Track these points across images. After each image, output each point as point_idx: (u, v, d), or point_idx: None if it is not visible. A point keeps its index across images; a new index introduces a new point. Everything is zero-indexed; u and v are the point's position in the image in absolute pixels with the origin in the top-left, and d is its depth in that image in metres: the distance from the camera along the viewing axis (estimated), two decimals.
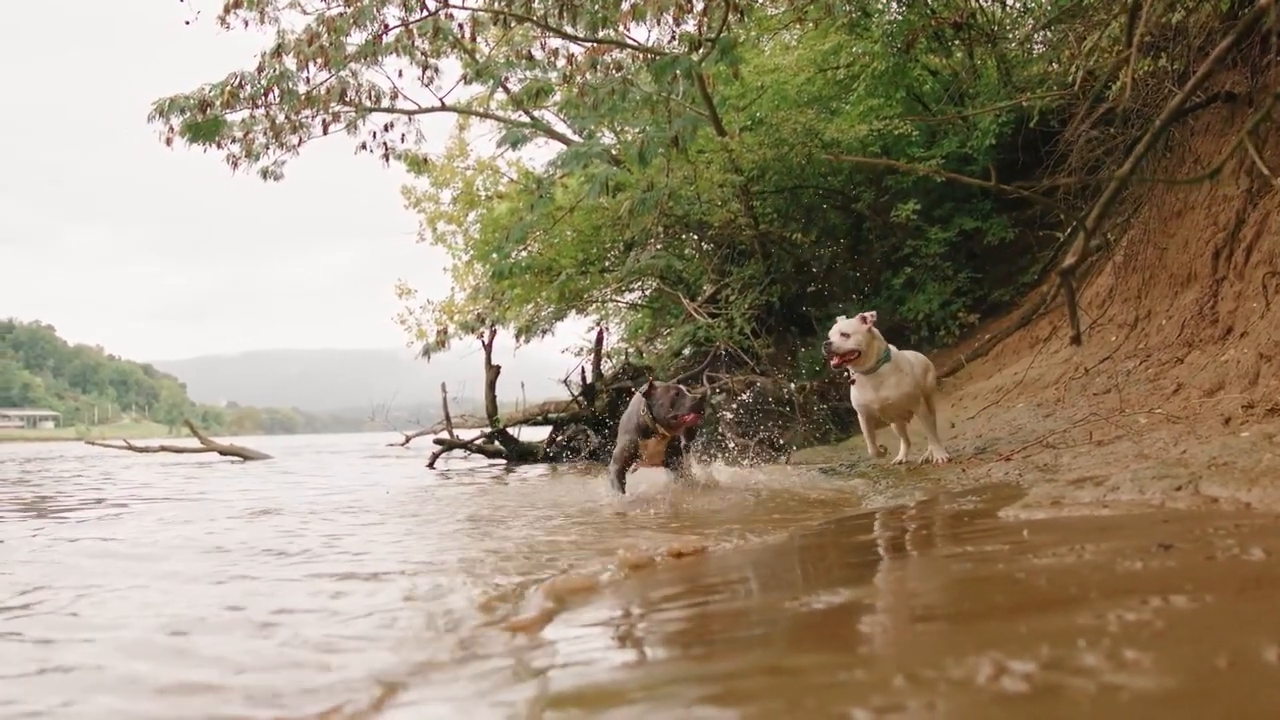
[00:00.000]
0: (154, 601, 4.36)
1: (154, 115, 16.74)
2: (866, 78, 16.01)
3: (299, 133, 17.82)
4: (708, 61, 12.79)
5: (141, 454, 24.79)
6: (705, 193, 15.86)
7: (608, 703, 2.51)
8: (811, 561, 4.93)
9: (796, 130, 15.48)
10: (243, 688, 2.91)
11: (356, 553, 5.74)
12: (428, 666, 3.11)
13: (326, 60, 16.24)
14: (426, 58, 17.56)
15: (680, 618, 3.62)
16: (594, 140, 17.19)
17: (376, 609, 4.00)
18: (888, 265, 16.31)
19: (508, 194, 22.51)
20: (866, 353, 9.04)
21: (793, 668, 2.64)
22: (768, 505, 7.49)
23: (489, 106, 21.30)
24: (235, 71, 16.75)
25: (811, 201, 17.20)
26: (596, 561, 4.88)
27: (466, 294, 24.01)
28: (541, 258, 18.28)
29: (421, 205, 25.02)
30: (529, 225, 16.86)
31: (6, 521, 8.68)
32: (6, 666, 3.33)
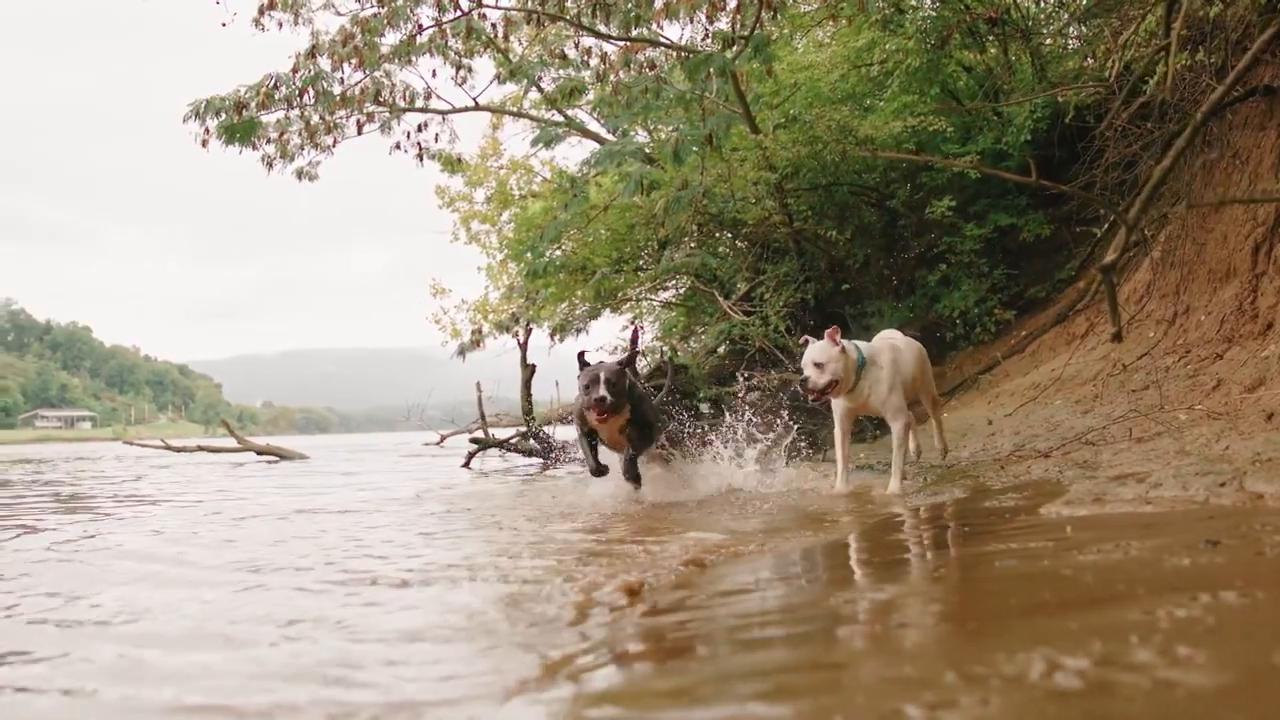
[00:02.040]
0: (265, 608, 4.39)
1: (190, 116, 16.81)
2: (900, 74, 15.94)
3: (333, 133, 17.86)
4: (741, 59, 12.76)
5: (179, 453, 24.92)
6: (739, 190, 15.82)
7: (659, 699, 2.52)
8: (853, 559, 4.92)
9: (830, 127, 15.43)
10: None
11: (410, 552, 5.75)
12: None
13: (361, 61, 16.28)
14: (460, 57, 17.59)
15: (724, 614, 3.62)
16: (628, 139, 17.17)
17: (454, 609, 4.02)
18: (923, 262, 16.25)
19: (541, 193, 22.52)
20: (845, 378, 8.33)
21: (842, 663, 2.64)
22: (809, 500, 7.47)
23: (522, 106, 21.32)
24: (270, 73, 16.80)
25: (846, 199, 17.14)
26: (651, 563, 4.89)
27: (501, 293, 24.04)
28: (576, 256, 18.28)
29: (455, 205, 25.05)
30: (563, 224, 16.85)
31: (53, 521, 8.74)
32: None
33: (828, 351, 8.25)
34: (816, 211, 17.17)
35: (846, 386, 8.34)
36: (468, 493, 10.33)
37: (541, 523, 6.87)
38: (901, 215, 16.71)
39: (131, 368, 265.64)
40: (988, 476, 7.64)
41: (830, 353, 8.24)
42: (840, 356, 8.25)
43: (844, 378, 8.27)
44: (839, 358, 8.24)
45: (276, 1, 16.83)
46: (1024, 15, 16.52)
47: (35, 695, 2.97)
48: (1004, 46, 16.80)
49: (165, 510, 9.53)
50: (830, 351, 8.24)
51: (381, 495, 10.37)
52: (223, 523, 8.00)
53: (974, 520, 5.60)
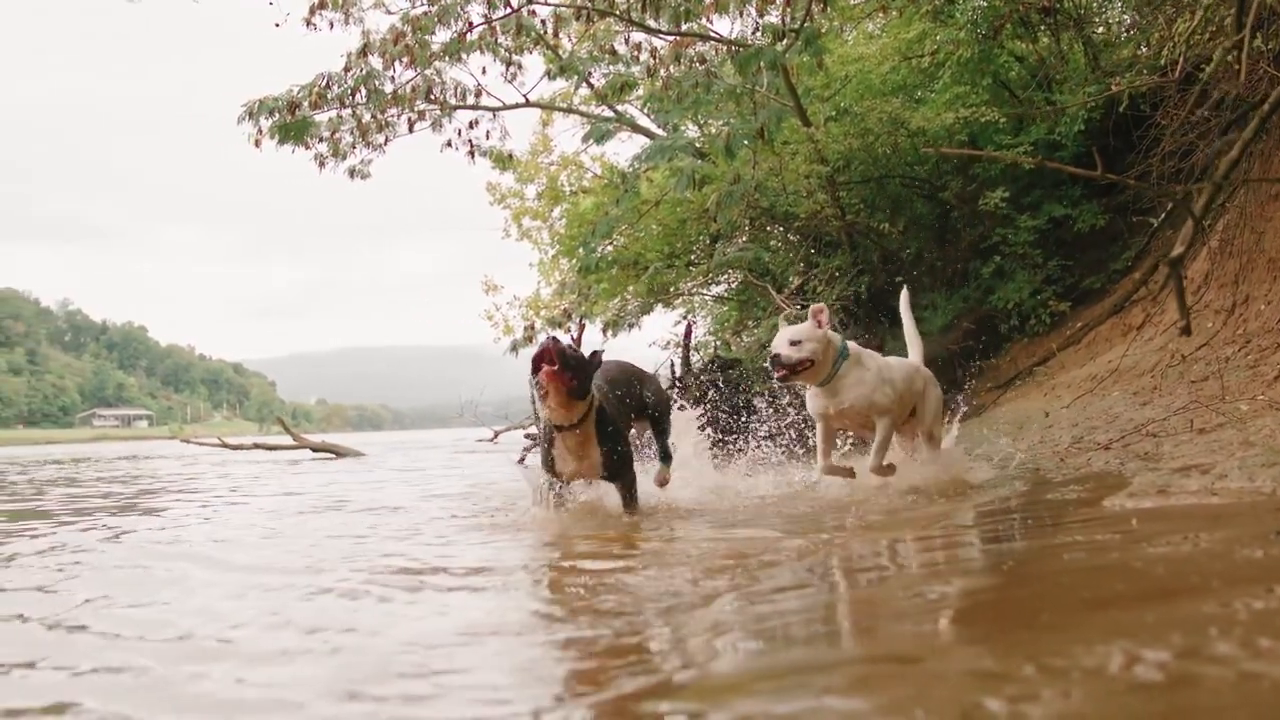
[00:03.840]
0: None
1: (243, 117, 16.97)
2: (952, 65, 15.87)
3: (385, 131, 17.99)
4: (792, 52, 12.74)
5: (235, 451, 25.12)
6: (791, 184, 15.79)
7: (733, 692, 2.53)
8: (917, 553, 4.90)
9: (882, 120, 15.40)
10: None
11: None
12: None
13: (412, 59, 16.37)
14: (510, 54, 17.67)
15: (796, 609, 3.62)
16: (678, 134, 17.21)
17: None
18: (976, 254, 16.16)
19: (592, 188, 22.58)
20: (822, 361, 7.42)
21: (916, 656, 2.64)
22: (861, 496, 7.45)
23: (572, 102, 21.39)
24: (322, 72, 16.94)
25: (898, 191, 17.08)
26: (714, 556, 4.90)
27: (553, 289, 24.15)
28: (627, 252, 18.30)
29: (506, 201, 25.20)
30: (615, 219, 16.89)
31: (131, 520, 8.83)
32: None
33: (806, 330, 7.42)
34: (868, 204, 17.12)
35: (822, 372, 7.44)
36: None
37: (600, 520, 6.89)
38: (954, 207, 16.63)
39: (187, 366, 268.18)
40: (1047, 469, 7.60)
41: (809, 331, 7.40)
42: (821, 337, 7.40)
43: (820, 361, 7.38)
44: (819, 338, 7.39)
45: (327, 1, 16.95)
46: (1076, 4, 16.39)
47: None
48: (1056, 36, 16.69)
49: (237, 507, 9.65)
50: (810, 330, 7.41)
51: (439, 491, 10.41)
52: (303, 517, 8.12)
53: (1037, 513, 5.58)
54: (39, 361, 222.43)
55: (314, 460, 21.47)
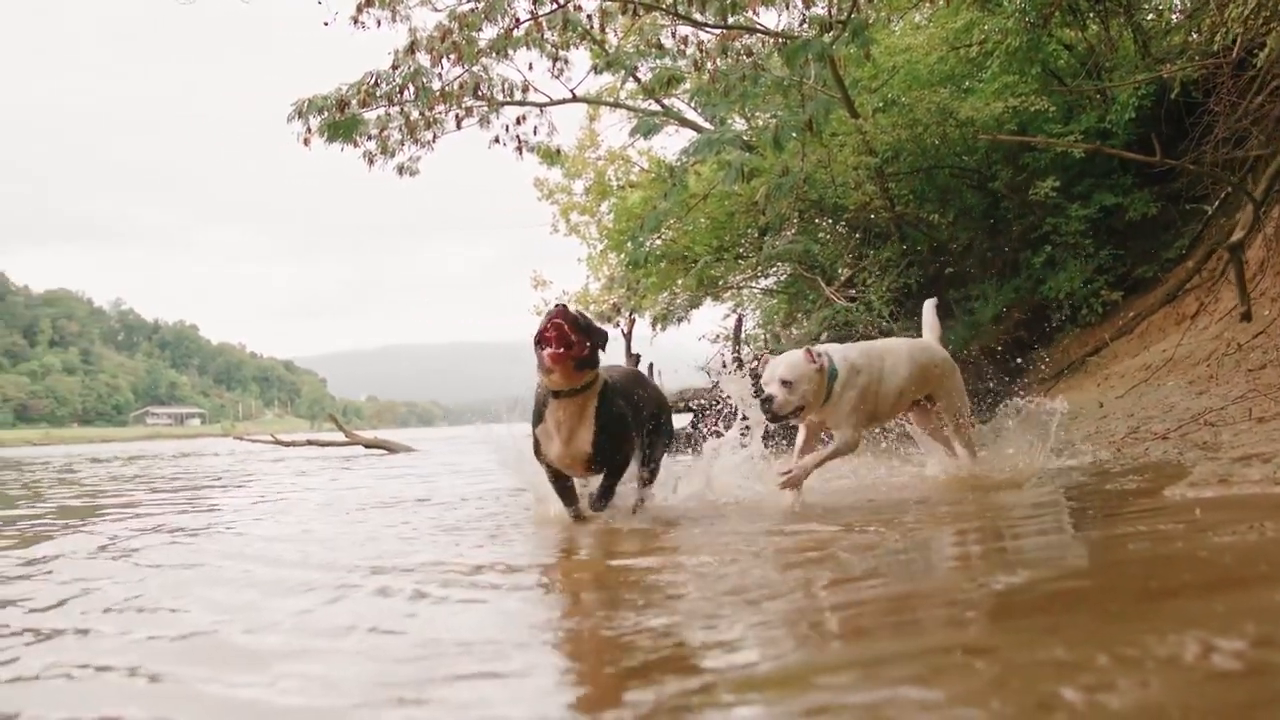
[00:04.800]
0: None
1: (293, 116, 17.06)
2: (1000, 54, 15.77)
3: (433, 128, 18.02)
4: (839, 44, 12.70)
5: (289, 448, 25.24)
6: (840, 176, 15.76)
7: (807, 682, 2.53)
8: (980, 543, 4.88)
9: (930, 110, 15.33)
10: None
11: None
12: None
13: (459, 56, 16.40)
14: (556, 50, 17.66)
15: (864, 599, 3.62)
16: (726, 127, 17.17)
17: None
18: (1026, 244, 16.05)
19: (640, 183, 22.59)
20: (813, 401, 7.08)
21: (988, 647, 2.63)
22: (917, 488, 7.42)
23: (619, 96, 21.38)
24: (370, 70, 17.01)
25: (947, 182, 17.00)
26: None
27: (601, 284, 24.18)
28: (676, 245, 18.31)
29: (554, 197, 25.24)
30: (663, 213, 16.89)
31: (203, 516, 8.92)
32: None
33: (800, 369, 7.05)
34: (918, 195, 17.06)
35: (814, 407, 7.15)
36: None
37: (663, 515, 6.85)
38: (1004, 197, 16.52)
39: (238, 364, 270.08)
40: (1104, 459, 7.55)
41: (803, 369, 7.05)
42: (815, 376, 7.07)
43: (812, 402, 7.08)
44: (811, 377, 7.06)
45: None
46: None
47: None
48: (1105, 23, 16.55)
49: (294, 502, 9.73)
50: (803, 368, 7.06)
51: (492, 486, 10.43)
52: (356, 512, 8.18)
53: (1097, 503, 5.54)
54: (93, 361, 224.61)
55: (367, 456, 21.58)
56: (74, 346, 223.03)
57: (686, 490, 7.48)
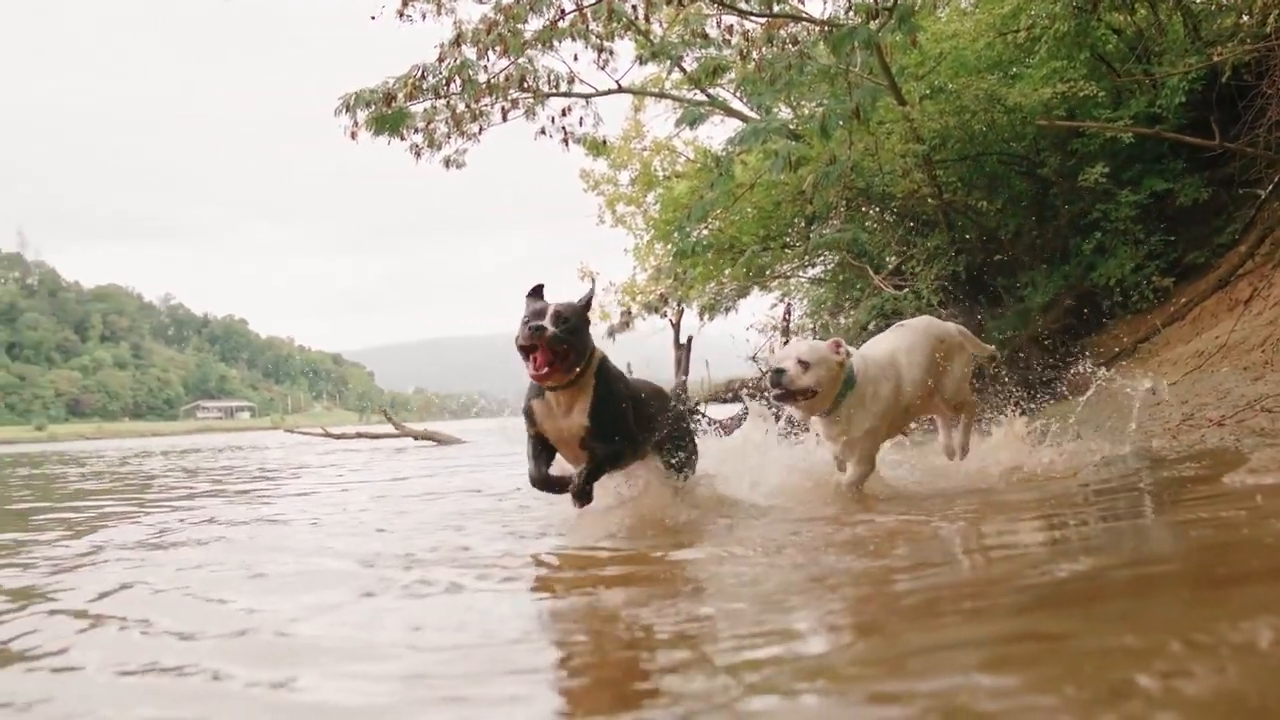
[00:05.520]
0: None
1: (340, 110, 17.14)
2: (1048, 39, 15.64)
3: (479, 121, 18.05)
4: (885, 31, 12.66)
5: (338, 440, 25.41)
6: (887, 164, 15.70)
7: (878, 669, 2.52)
8: (1039, 531, 4.85)
9: (978, 96, 15.24)
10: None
11: None
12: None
13: (505, 48, 16.43)
14: (601, 41, 17.65)
15: (926, 587, 3.61)
16: (772, 116, 17.13)
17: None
18: (1076, 231, 15.92)
19: (686, 173, 22.59)
20: (824, 395, 6.79)
21: (1057, 634, 2.62)
22: (973, 477, 7.37)
23: (664, 86, 21.35)
24: (417, 63, 17.06)
25: (995, 168, 16.88)
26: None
27: (648, 274, 24.18)
28: (723, 235, 18.30)
29: (600, 187, 25.27)
30: (710, 203, 16.88)
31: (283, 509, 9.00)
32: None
33: (820, 352, 6.78)
34: (965, 182, 16.97)
35: (822, 405, 6.86)
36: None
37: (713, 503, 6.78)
38: (1053, 183, 16.40)
39: (286, 358, 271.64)
40: (1160, 446, 7.49)
41: (824, 355, 6.77)
42: (833, 365, 6.77)
43: (824, 393, 6.77)
44: (830, 366, 6.76)
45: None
46: None
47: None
48: (1154, 6, 16.39)
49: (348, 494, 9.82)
50: (824, 354, 6.78)
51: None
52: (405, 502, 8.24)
53: (1155, 490, 5.51)
54: (143, 355, 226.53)
55: (416, 448, 21.68)
56: (125, 341, 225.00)
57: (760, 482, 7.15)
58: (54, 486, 14.21)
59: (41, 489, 13.79)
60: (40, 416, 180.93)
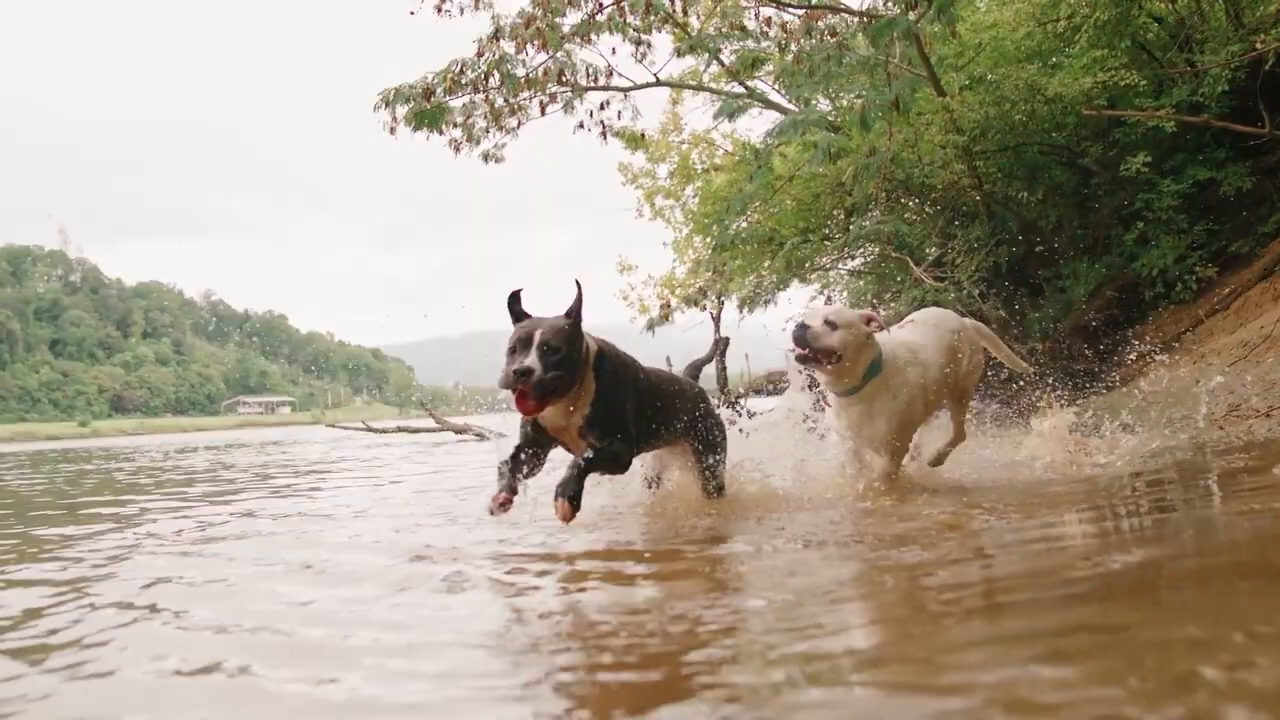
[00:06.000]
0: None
1: (380, 105, 17.21)
2: (1088, 28, 15.52)
3: (518, 115, 18.09)
4: (924, 21, 12.62)
5: (379, 435, 25.48)
6: (927, 155, 15.64)
7: (938, 661, 2.52)
8: (1089, 523, 4.82)
9: (1018, 87, 15.15)
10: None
11: None
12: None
13: (543, 42, 16.48)
14: (639, 34, 17.66)
15: (979, 579, 3.60)
16: (810, 108, 17.09)
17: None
18: (1118, 221, 15.81)
19: (725, 165, 22.58)
20: (850, 364, 6.38)
21: (1115, 625, 2.61)
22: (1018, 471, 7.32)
23: (702, 79, 21.34)
24: (456, 58, 17.12)
25: (1036, 159, 16.78)
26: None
27: (687, 267, 24.20)
28: (762, 228, 18.27)
29: (639, 181, 25.28)
30: (748, 196, 16.87)
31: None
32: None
33: (849, 316, 6.41)
34: (1006, 173, 16.88)
35: (845, 378, 6.46)
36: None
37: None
38: (1094, 173, 16.30)
39: (326, 353, 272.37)
40: (1206, 437, 7.43)
41: (852, 319, 6.40)
42: (861, 333, 6.38)
43: (848, 361, 6.37)
44: (860, 335, 6.38)
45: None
46: None
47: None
48: None
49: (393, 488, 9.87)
50: (853, 319, 6.40)
51: None
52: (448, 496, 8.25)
53: (1204, 481, 5.47)
54: (185, 351, 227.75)
55: (459, 441, 21.71)
56: (166, 338, 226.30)
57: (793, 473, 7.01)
58: (100, 482, 14.32)
59: (89, 485, 13.89)
60: (84, 413, 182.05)
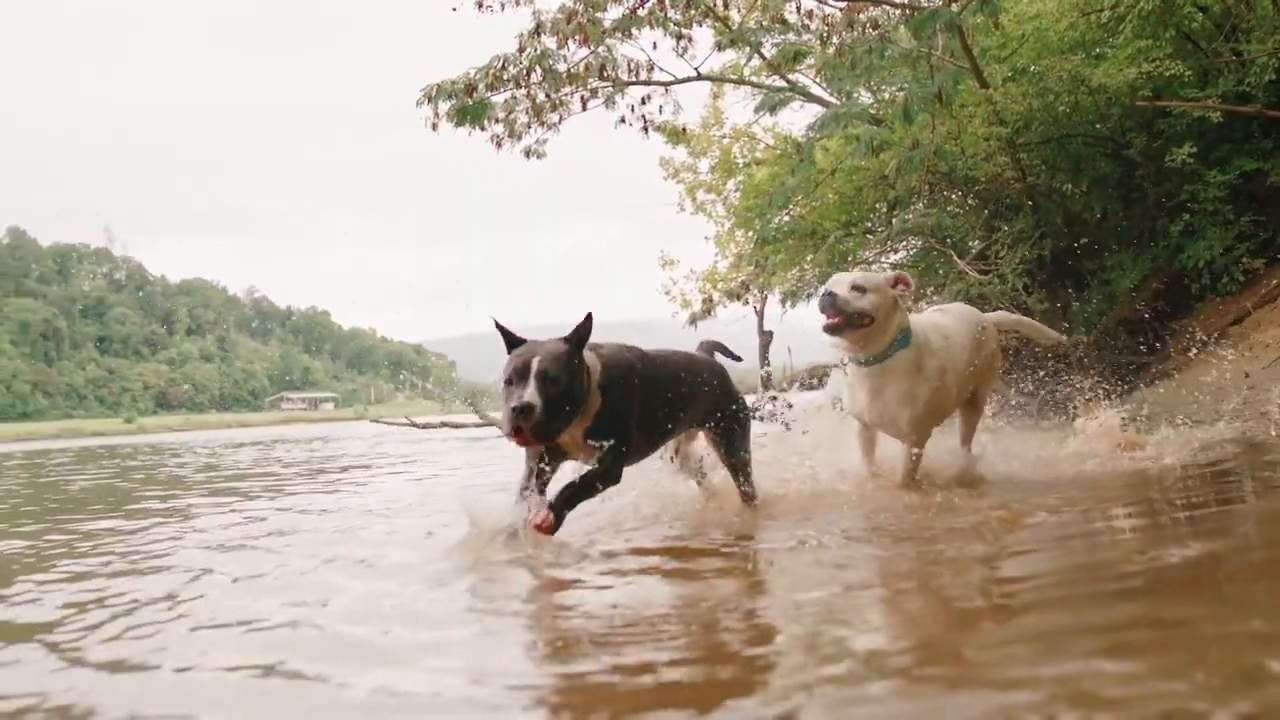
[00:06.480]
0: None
1: (422, 101, 17.29)
2: (1133, 19, 15.40)
3: (559, 110, 18.13)
4: (967, 13, 12.57)
5: (423, 430, 25.55)
6: (970, 147, 15.56)
7: (996, 655, 2.51)
8: (1142, 516, 4.79)
9: (1061, 78, 15.04)
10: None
11: None
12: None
13: (585, 37, 16.50)
14: (679, 28, 17.66)
15: (1033, 573, 3.59)
16: (852, 101, 17.05)
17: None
18: (1163, 212, 15.68)
19: (766, 159, 22.55)
20: (881, 327, 6.09)
21: (1176, 619, 2.60)
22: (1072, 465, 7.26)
23: (743, 73, 21.32)
24: (497, 54, 17.17)
25: (1080, 151, 16.65)
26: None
27: (729, 261, 24.22)
28: (804, 221, 18.22)
29: (680, 175, 25.33)
30: (790, 190, 16.85)
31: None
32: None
33: (875, 281, 6.18)
34: (1049, 165, 16.77)
35: (875, 342, 6.15)
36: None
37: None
38: (1139, 164, 16.16)
39: (369, 349, 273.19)
40: (1256, 431, 7.37)
41: (878, 283, 6.17)
42: (890, 300, 6.14)
43: (880, 324, 6.09)
44: (888, 297, 6.14)
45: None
46: None
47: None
48: None
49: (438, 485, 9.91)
50: (879, 282, 6.18)
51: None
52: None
53: (1258, 475, 5.44)
54: (228, 348, 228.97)
55: (499, 436, 21.74)
56: (210, 334, 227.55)
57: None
58: (147, 477, 14.46)
59: (136, 480, 14.02)
60: (129, 409, 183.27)
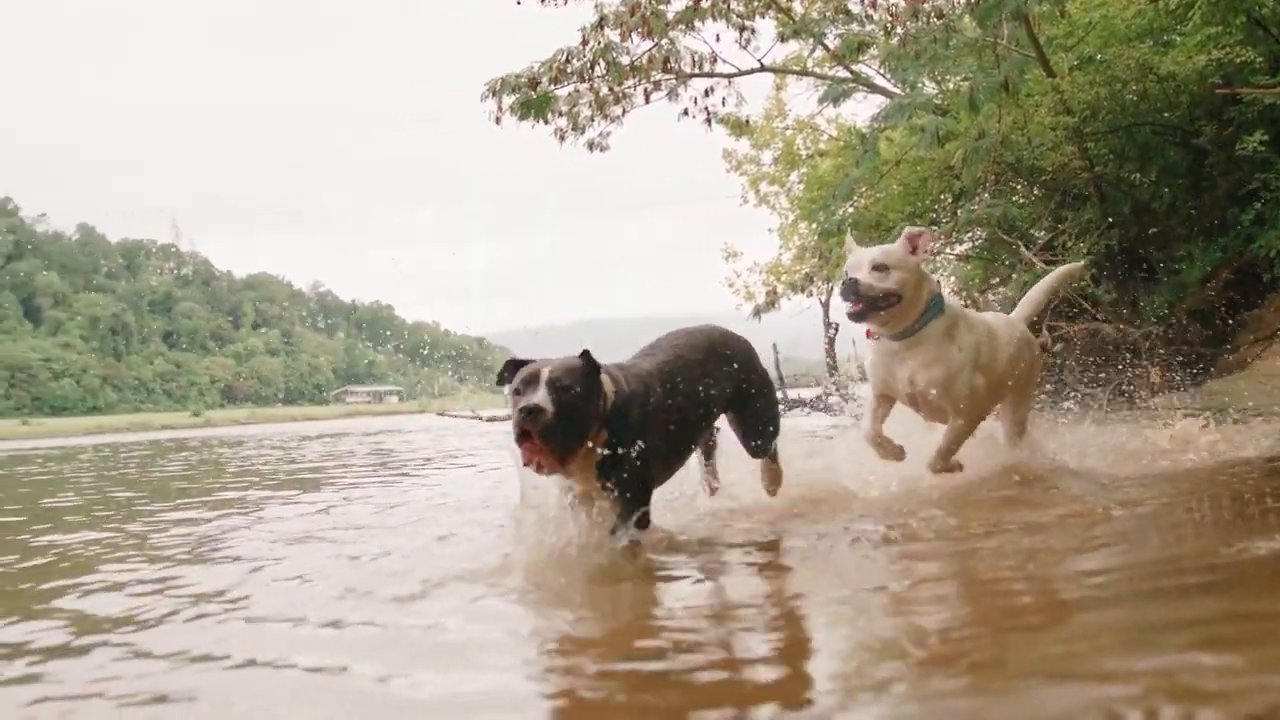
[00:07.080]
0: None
1: (486, 95, 17.37)
2: (1201, 5, 15.20)
3: (622, 103, 18.16)
4: (1033, 1, 12.46)
5: (489, 424, 25.64)
6: (1036, 137, 15.43)
7: (1086, 648, 2.50)
8: (1209, 510, 4.74)
9: (1129, 66, 14.89)
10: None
11: None
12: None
13: (648, 30, 16.53)
14: (743, 19, 17.64)
15: (1116, 566, 3.56)
16: (917, 91, 16.97)
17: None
18: (1234, 201, 15.46)
19: (830, 151, 22.48)
20: (910, 302, 5.74)
21: (1267, 613, 2.57)
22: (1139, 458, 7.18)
23: (806, 64, 21.25)
24: (561, 47, 17.24)
25: (1148, 139, 16.46)
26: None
27: (793, 254, 24.17)
28: (868, 213, 18.14)
29: (743, 168, 25.28)
30: (855, 181, 16.82)
31: None
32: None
33: (896, 254, 5.75)
34: (1117, 154, 16.59)
35: (906, 317, 5.80)
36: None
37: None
38: (1209, 153, 15.96)
39: (432, 342, 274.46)
40: None
41: (900, 257, 5.76)
42: (913, 267, 5.78)
43: (909, 300, 5.74)
44: (911, 268, 5.77)
45: None
46: None
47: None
48: None
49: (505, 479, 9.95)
50: (901, 256, 5.77)
51: None
52: None
53: None
54: (294, 342, 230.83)
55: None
56: (275, 328, 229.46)
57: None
58: (217, 468, 14.62)
59: (206, 471, 14.19)
60: (196, 403, 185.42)
